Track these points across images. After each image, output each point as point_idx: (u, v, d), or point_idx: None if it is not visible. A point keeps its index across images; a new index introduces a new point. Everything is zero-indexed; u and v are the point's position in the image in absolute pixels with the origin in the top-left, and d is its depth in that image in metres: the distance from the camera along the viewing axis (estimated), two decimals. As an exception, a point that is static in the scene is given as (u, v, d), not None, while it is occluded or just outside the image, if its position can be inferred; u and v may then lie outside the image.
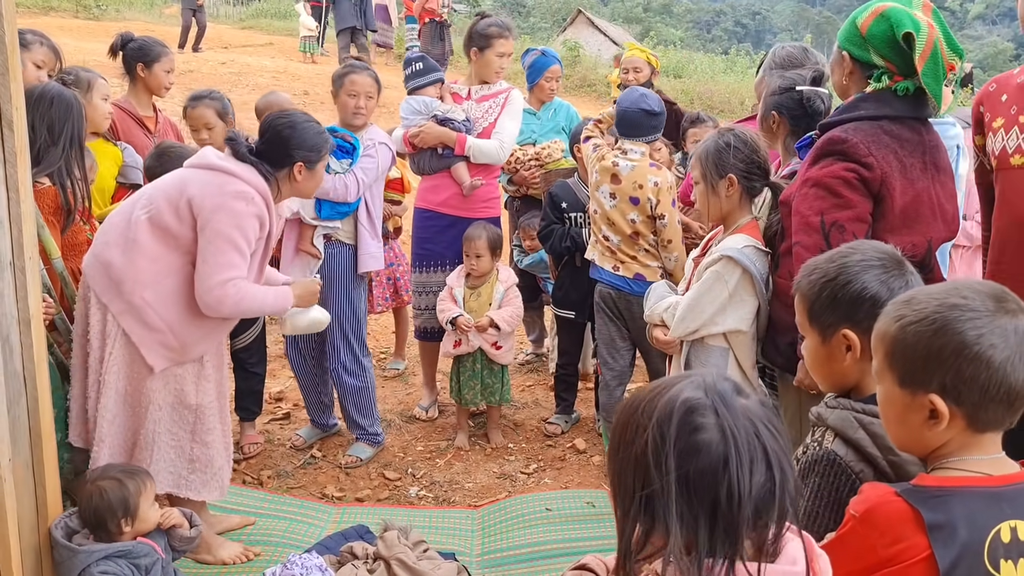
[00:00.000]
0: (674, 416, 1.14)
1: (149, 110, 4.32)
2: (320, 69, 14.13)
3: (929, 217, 2.41)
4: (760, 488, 1.11)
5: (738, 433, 1.12)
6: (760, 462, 1.12)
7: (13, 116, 2.17)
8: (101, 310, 2.80)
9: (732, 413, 1.14)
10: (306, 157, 2.99)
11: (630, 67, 4.99)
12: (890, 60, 2.37)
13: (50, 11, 17.49)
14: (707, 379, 1.18)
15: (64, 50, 4.02)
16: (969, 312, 1.29)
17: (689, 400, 1.15)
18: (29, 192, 2.33)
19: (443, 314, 4.12)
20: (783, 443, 1.16)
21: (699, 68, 20.89)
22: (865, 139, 2.35)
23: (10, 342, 2.24)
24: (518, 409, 4.68)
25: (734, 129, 2.80)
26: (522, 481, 3.95)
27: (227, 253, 2.78)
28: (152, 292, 2.78)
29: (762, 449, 1.13)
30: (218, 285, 2.77)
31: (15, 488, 2.25)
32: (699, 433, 1.12)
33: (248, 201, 2.82)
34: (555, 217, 4.27)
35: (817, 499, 1.58)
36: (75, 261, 3.17)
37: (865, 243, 1.75)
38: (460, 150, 4.17)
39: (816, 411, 1.70)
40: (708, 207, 2.82)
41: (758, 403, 1.18)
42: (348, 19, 13.32)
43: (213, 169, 2.85)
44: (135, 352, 2.80)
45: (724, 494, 1.10)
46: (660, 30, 38.74)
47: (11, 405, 2.23)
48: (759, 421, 1.14)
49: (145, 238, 2.78)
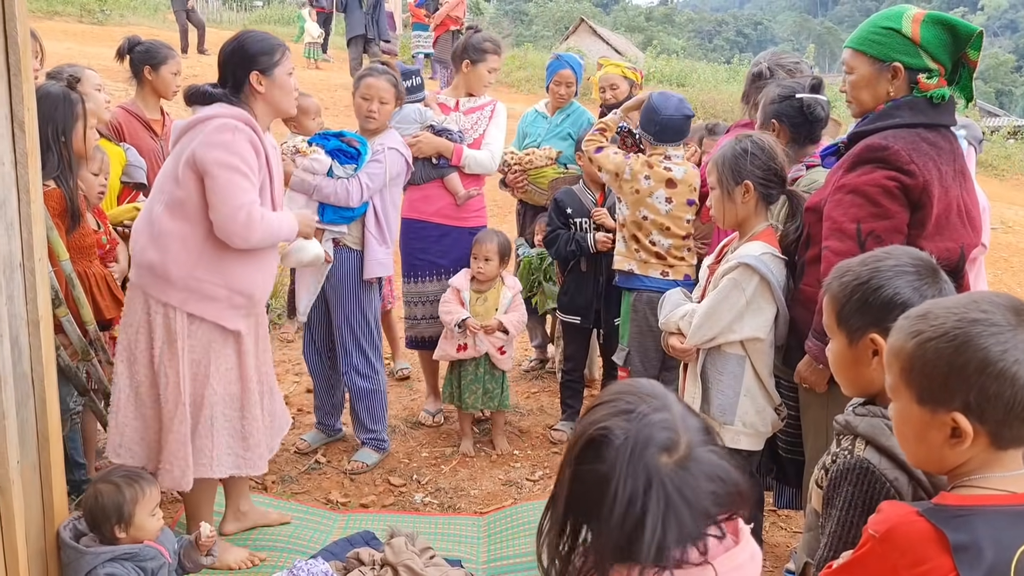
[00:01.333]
0: (583, 437, 1.24)
1: (157, 113, 4.32)
2: (324, 75, 14.15)
3: (959, 224, 2.41)
4: (620, 535, 1.18)
5: (624, 483, 1.18)
6: (633, 516, 1.18)
7: (25, 117, 2.16)
8: (164, 309, 2.84)
9: (634, 462, 1.19)
10: (256, 64, 2.94)
11: (606, 85, 4.84)
12: (942, 63, 2.38)
13: (54, 15, 17.51)
14: (654, 419, 1.23)
15: (68, 55, 4.03)
16: (991, 327, 1.25)
17: (608, 431, 1.21)
18: (39, 193, 2.32)
19: (449, 316, 4.10)
20: (682, 515, 1.18)
21: (702, 77, 20.94)
22: (907, 146, 2.34)
23: (19, 344, 2.23)
24: (523, 416, 4.66)
25: (752, 135, 2.78)
26: (528, 488, 3.93)
27: (233, 181, 2.80)
28: (199, 269, 2.84)
29: (641, 508, 1.17)
30: (237, 210, 2.79)
31: (23, 490, 2.24)
32: (596, 463, 1.21)
33: (232, 130, 2.82)
34: (560, 223, 4.28)
35: (850, 509, 1.55)
36: (83, 263, 3.16)
37: (900, 248, 1.72)
38: (456, 161, 4.19)
39: (843, 419, 1.67)
40: (724, 213, 2.80)
41: (685, 463, 1.21)
42: (358, 28, 13.20)
43: (191, 126, 2.87)
44: (212, 331, 2.88)
45: (594, 523, 1.21)
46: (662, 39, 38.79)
47: (19, 407, 2.21)
48: (663, 480, 1.19)
49: (168, 225, 2.82)
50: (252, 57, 2.93)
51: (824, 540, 1.60)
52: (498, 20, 39.22)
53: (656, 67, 21.93)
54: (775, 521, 3.61)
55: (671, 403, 1.26)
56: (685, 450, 1.21)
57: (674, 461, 1.20)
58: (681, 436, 1.22)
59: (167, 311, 2.84)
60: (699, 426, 1.26)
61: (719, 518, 1.23)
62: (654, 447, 1.20)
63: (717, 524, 1.24)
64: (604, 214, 4.16)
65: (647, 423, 1.22)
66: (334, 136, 3.81)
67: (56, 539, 2.43)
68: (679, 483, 1.19)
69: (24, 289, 2.24)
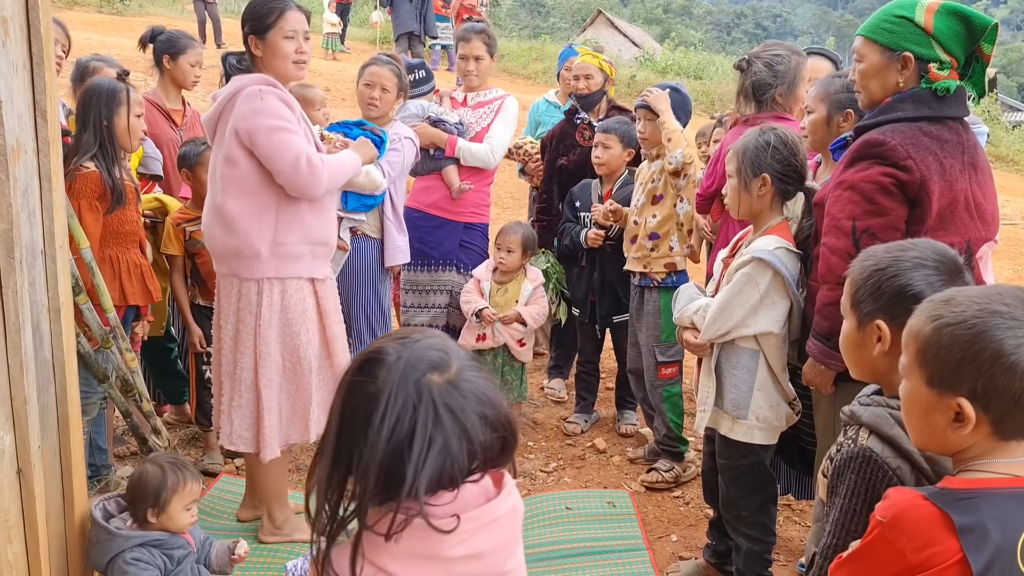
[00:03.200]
0: (357, 359, 1.27)
1: (177, 103, 4.34)
2: (341, 66, 14.17)
3: (966, 218, 2.38)
4: (385, 459, 1.19)
5: (394, 398, 1.20)
6: (401, 434, 1.19)
7: (47, 106, 2.18)
8: (255, 285, 2.97)
9: (405, 378, 1.21)
10: (251, 26, 2.96)
11: (581, 74, 4.44)
12: (954, 55, 2.34)
13: (75, 5, 17.63)
14: (427, 342, 1.27)
15: (89, 44, 4.08)
16: (1010, 320, 1.27)
17: (381, 350, 1.25)
18: (60, 181, 2.34)
19: (468, 305, 4.11)
20: (449, 437, 1.20)
21: (720, 70, 20.80)
22: (904, 141, 2.31)
23: (40, 330, 2.25)
24: (538, 408, 4.67)
25: (776, 128, 2.75)
26: (542, 479, 3.94)
27: (280, 139, 2.85)
28: (280, 234, 2.94)
29: (410, 424, 1.19)
30: (295, 163, 2.86)
31: (43, 475, 2.27)
32: (367, 381, 1.23)
33: (258, 95, 2.87)
34: (571, 215, 4.28)
35: (854, 496, 1.57)
36: (118, 248, 3.22)
37: (926, 242, 1.72)
38: (450, 151, 4.19)
39: (849, 409, 1.69)
40: (739, 203, 2.79)
41: (455, 382, 1.24)
42: (408, 23, 12.86)
43: (220, 111, 2.92)
44: (300, 294, 3.01)
45: (360, 448, 1.20)
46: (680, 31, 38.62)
47: (40, 393, 2.24)
48: (432, 397, 1.20)
49: (236, 206, 2.91)
50: (248, 19, 2.96)
51: (828, 528, 1.63)
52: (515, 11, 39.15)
53: (674, 60, 21.84)
54: (789, 515, 3.60)
55: (445, 337, 1.31)
56: (456, 371, 1.24)
57: (444, 379, 1.23)
58: (452, 358, 1.26)
59: (258, 285, 2.96)
60: (469, 355, 1.30)
61: (484, 459, 1.25)
62: (425, 364, 1.23)
63: (483, 467, 1.26)
64: (601, 210, 4.09)
65: (420, 346, 1.26)
66: (355, 125, 3.82)
67: (77, 522, 2.46)
68: (448, 400, 1.21)
69: (45, 276, 2.26)
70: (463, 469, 1.23)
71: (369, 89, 3.84)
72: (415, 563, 1.23)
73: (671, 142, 3.59)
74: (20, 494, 2.19)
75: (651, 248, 3.78)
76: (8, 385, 2.11)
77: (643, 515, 3.61)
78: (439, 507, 1.22)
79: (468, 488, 1.27)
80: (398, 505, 1.19)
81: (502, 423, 1.27)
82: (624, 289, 4.13)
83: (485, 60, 4.23)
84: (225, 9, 17.94)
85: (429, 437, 1.19)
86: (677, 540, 3.46)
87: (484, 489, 1.29)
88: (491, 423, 1.25)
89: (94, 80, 3.21)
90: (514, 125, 4.39)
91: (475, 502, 1.26)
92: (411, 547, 1.21)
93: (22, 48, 2.08)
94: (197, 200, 3.70)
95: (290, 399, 3.08)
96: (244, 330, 2.99)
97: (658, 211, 3.77)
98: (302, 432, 3.12)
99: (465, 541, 1.23)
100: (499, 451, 1.28)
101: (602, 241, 4.08)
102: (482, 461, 1.26)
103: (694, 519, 3.61)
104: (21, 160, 2.10)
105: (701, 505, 3.66)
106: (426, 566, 1.23)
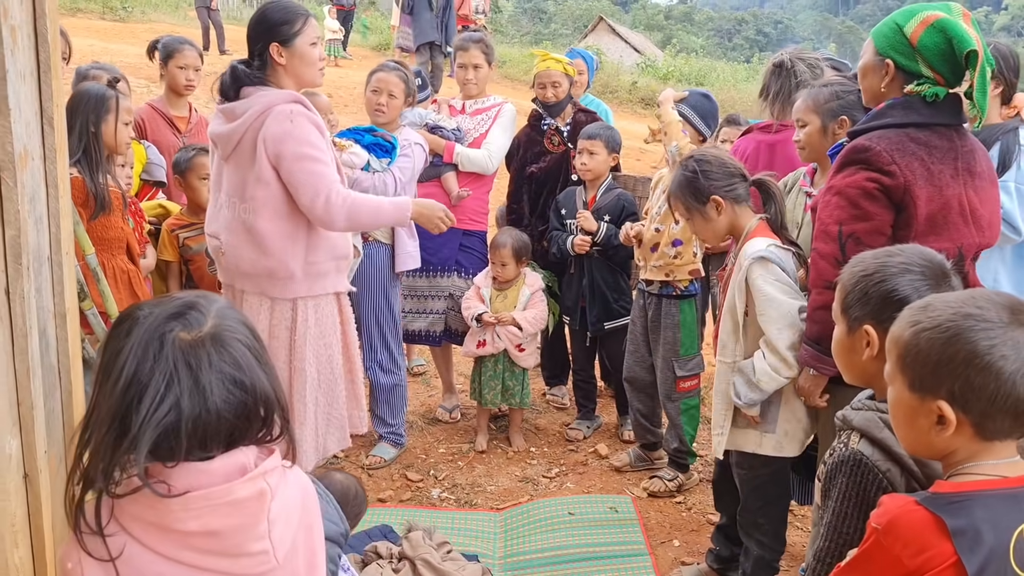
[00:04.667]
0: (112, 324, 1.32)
1: (181, 110, 4.36)
2: (343, 72, 14.21)
3: (960, 223, 2.38)
4: (123, 406, 1.22)
5: (135, 349, 1.24)
6: (137, 385, 1.22)
7: (54, 113, 2.19)
8: (289, 304, 3.02)
9: (149, 332, 1.25)
10: (276, 35, 2.90)
11: (548, 82, 4.32)
12: (940, 72, 2.34)
13: (77, 12, 17.68)
14: (179, 304, 1.31)
15: (91, 51, 4.11)
16: (983, 323, 1.30)
17: (134, 310, 1.30)
18: (67, 188, 2.34)
19: (468, 311, 4.14)
20: (184, 391, 1.22)
21: (721, 76, 20.87)
22: (889, 147, 2.32)
23: (47, 335, 2.26)
24: (540, 413, 4.68)
25: (693, 155, 2.82)
26: (544, 485, 3.95)
27: (312, 168, 2.86)
28: (310, 254, 2.99)
29: (148, 375, 1.22)
30: (319, 196, 2.87)
31: (49, 479, 2.27)
32: (119, 340, 1.28)
33: (288, 117, 2.84)
34: (557, 223, 4.27)
35: (845, 500, 1.59)
36: (104, 254, 3.20)
37: (912, 248, 1.75)
38: (448, 157, 4.21)
39: (841, 415, 1.72)
40: (711, 232, 2.82)
41: (206, 341, 1.26)
42: (429, 33, 12.39)
43: (249, 123, 2.87)
44: (330, 308, 3.10)
45: (100, 399, 1.25)
46: (681, 38, 38.66)
47: (47, 398, 2.24)
48: (171, 355, 1.23)
49: (268, 227, 2.92)
50: (272, 28, 2.91)
51: (821, 531, 1.65)
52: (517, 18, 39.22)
53: (675, 66, 21.88)
54: (791, 521, 3.60)
55: (215, 299, 1.35)
56: (208, 331, 1.27)
57: (192, 336, 1.25)
58: (207, 318, 1.28)
59: (293, 304, 3.00)
60: (241, 322, 1.32)
61: (231, 429, 1.26)
62: (173, 321, 1.26)
63: (231, 439, 1.27)
64: (587, 217, 4.09)
65: (174, 304, 1.30)
66: (366, 131, 3.85)
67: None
68: (189, 357, 1.23)
69: (52, 282, 2.27)
70: (199, 432, 1.23)
71: (376, 95, 3.86)
72: (151, 531, 1.25)
73: (667, 135, 3.57)
74: (27, 498, 2.20)
75: (674, 255, 3.70)
76: (15, 390, 2.12)
77: (645, 520, 3.62)
78: (171, 473, 1.24)
79: (217, 462, 1.27)
80: (125, 460, 1.22)
81: (257, 393, 1.28)
82: (615, 295, 4.13)
83: (483, 69, 4.26)
84: (227, 16, 18.00)
85: (161, 392, 1.21)
86: (679, 545, 3.47)
87: (240, 466, 1.29)
88: (242, 388, 1.26)
89: (83, 86, 3.18)
90: (512, 131, 4.42)
91: (225, 478, 1.27)
92: (140, 511, 1.24)
93: (29, 56, 2.09)
94: (192, 207, 3.71)
95: (325, 411, 3.14)
96: (278, 347, 3.01)
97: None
98: (341, 440, 3.22)
99: (198, 517, 1.24)
100: (250, 423, 1.29)
101: (588, 247, 4.08)
102: (228, 431, 1.26)
103: (696, 524, 3.61)
104: (29, 167, 2.11)
105: (703, 510, 3.67)
106: (163, 536, 1.25)
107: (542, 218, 4.44)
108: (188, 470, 1.26)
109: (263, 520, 1.30)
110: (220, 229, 3.06)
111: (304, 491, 1.41)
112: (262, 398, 1.29)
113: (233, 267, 3.05)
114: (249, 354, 1.29)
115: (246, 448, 1.32)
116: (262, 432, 1.34)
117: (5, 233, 1.98)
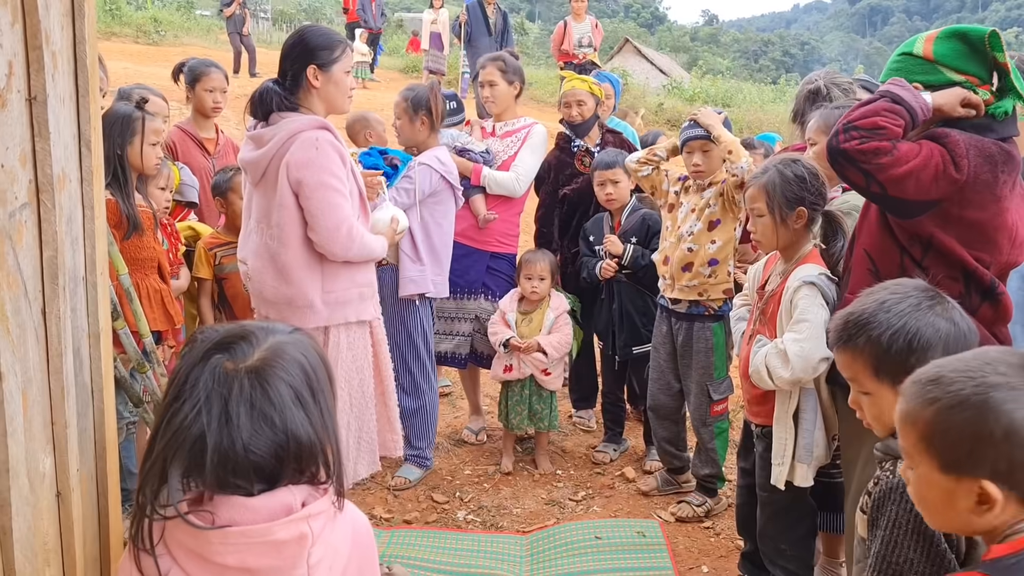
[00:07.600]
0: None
1: (209, 132, 4.42)
2: (371, 95, 14.34)
3: (1003, 239, 2.30)
4: (190, 440, 1.23)
5: (179, 377, 1.28)
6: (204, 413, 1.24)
7: (91, 136, 2.23)
8: (320, 331, 3.04)
9: (194, 359, 1.28)
10: (315, 58, 2.94)
11: (573, 100, 4.33)
12: (968, 72, 2.30)
13: (112, 36, 18.05)
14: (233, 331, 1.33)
15: (126, 74, 4.16)
16: (1012, 391, 1.22)
17: (201, 332, 1.34)
18: (102, 210, 2.39)
19: (495, 336, 4.13)
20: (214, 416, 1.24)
21: (748, 97, 20.83)
22: (967, 140, 2.24)
23: (80, 355, 2.29)
24: (566, 436, 4.65)
25: (800, 159, 2.75)
26: (571, 508, 3.92)
27: (331, 199, 2.89)
28: (329, 283, 3.00)
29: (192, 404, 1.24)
30: (336, 229, 2.91)
31: (81, 498, 2.29)
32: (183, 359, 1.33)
33: (315, 144, 2.86)
34: (587, 250, 4.27)
35: (895, 528, 1.56)
36: (137, 274, 3.24)
37: (894, 283, 1.75)
38: (476, 180, 4.21)
39: (882, 446, 1.69)
40: (775, 238, 2.76)
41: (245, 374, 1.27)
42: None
43: (277, 149, 2.90)
44: (361, 333, 3.13)
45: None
46: (707, 59, 38.67)
47: (79, 418, 2.27)
48: (207, 384, 1.25)
49: (289, 257, 2.95)
50: (312, 51, 2.96)
51: (870, 561, 1.62)
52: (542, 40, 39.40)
53: (702, 87, 21.88)
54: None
55: (280, 331, 1.37)
56: (253, 366, 1.28)
57: (233, 367, 1.27)
58: (256, 354, 1.29)
59: (326, 331, 3.03)
60: (300, 360, 1.32)
61: (265, 465, 1.26)
62: (222, 351, 1.28)
63: (269, 476, 1.27)
64: (613, 241, 4.08)
65: (226, 331, 1.33)
66: (379, 153, 3.88)
67: (112, 547, 2.48)
68: (223, 387, 1.25)
69: (86, 302, 2.30)
70: (227, 464, 1.23)
71: (394, 118, 3.99)
72: (192, 558, 1.25)
73: (732, 153, 3.46)
74: (58, 517, 2.21)
75: (709, 275, 3.65)
76: (50, 409, 2.15)
77: (673, 545, 3.57)
78: (216, 504, 1.26)
79: (261, 499, 1.26)
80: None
81: (288, 433, 1.27)
82: (643, 320, 4.10)
83: (500, 86, 4.25)
84: (258, 39, 18.27)
85: (191, 416, 1.23)
86: (708, 571, 3.42)
87: (284, 505, 1.28)
88: (271, 426, 1.26)
89: (111, 108, 3.20)
90: (541, 152, 4.41)
91: (268, 516, 1.26)
92: (184, 538, 1.24)
93: (69, 81, 2.14)
94: (230, 226, 3.75)
95: (356, 435, 3.16)
96: None
97: (717, 236, 3.63)
98: (371, 463, 3.25)
99: (236, 553, 1.24)
100: (283, 463, 1.28)
101: (614, 271, 4.07)
102: (260, 467, 1.26)
103: (725, 550, 3.57)
104: (66, 189, 2.15)
105: (732, 536, 3.62)
106: (202, 565, 1.25)
107: (573, 240, 4.43)
108: (232, 504, 1.26)
109: (302, 564, 1.29)
110: (248, 254, 3.09)
111: (356, 530, 1.39)
112: (294, 439, 1.28)
113: (257, 293, 3.09)
114: (290, 393, 1.28)
115: (296, 488, 1.31)
116: (302, 473, 1.32)
117: (43, 254, 2.02)
